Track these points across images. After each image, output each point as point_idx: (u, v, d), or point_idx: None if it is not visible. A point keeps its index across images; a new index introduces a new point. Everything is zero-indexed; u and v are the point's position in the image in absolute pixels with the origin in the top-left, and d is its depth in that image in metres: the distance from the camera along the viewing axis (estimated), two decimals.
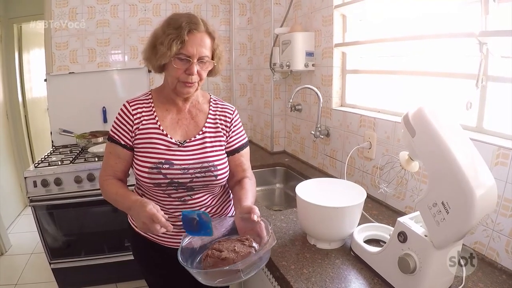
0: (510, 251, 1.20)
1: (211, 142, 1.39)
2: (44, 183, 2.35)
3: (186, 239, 1.17)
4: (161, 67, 1.31)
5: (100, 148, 2.68)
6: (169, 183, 1.31)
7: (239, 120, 1.49)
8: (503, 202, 1.22)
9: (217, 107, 1.45)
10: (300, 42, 2.29)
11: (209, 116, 1.42)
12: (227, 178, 1.42)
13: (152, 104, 1.38)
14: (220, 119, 1.43)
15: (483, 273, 1.20)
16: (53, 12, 2.84)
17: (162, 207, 1.30)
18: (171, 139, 1.34)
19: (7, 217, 3.78)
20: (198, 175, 1.33)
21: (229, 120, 1.44)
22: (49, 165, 2.43)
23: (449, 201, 0.94)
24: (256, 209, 1.15)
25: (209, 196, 1.42)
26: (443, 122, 1.00)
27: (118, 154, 1.36)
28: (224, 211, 1.50)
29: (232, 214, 1.54)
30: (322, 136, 2.23)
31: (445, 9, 1.50)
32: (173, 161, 1.31)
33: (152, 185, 1.32)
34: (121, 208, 1.39)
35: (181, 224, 1.19)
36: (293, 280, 1.19)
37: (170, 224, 1.13)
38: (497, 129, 1.35)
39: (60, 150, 2.88)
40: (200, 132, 1.38)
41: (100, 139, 2.88)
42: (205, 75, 1.32)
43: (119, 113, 1.36)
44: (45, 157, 2.65)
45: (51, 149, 2.92)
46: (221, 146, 1.41)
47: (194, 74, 1.26)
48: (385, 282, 1.16)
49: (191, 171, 1.32)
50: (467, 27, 1.38)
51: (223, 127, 1.42)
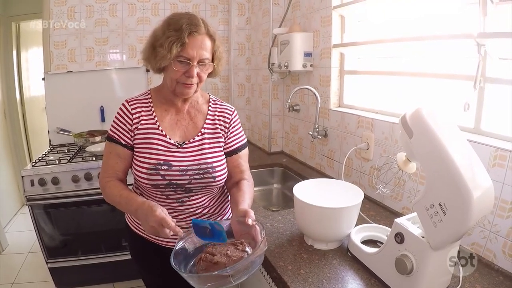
0: (507, 252, 1.21)
1: (210, 143, 1.38)
2: (42, 182, 2.34)
3: (180, 242, 1.15)
4: (160, 68, 1.30)
5: (98, 147, 2.68)
6: (167, 185, 1.31)
7: (239, 120, 1.48)
8: (500, 204, 1.22)
9: (216, 107, 1.44)
10: (299, 42, 2.29)
11: (208, 117, 1.41)
12: (225, 179, 1.41)
13: (151, 104, 1.37)
14: (219, 120, 1.42)
15: (480, 274, 1.20)
16: (51, 10, 2.84)
17: None
18: (170, 140, 1.33)
19: (4, 216, 3.77)
20: (196, 176, 1.32)
21: (228, 121, 1.43)
22: (46, 164, 2.43)
23: (446, 202, 0.94)
24: (251, 213, 1.14)
25: (207, 197, 1.41)
26: (440, 123, 1.00)
27: (118, 154, 1.35)
28: (221, 212, 1.49)
29: (229, 217, 1.53)
30: (320, 137, 2.23)
31: (443, 10, 1.50)
32: (171, 163, 1.30)
33: (150, 186, 1.31)
34: (125, 210, 1.39)
35: (180, 225, 1.18)
36: (290, 280, 1.19)
37: (180, 230, 1.12)
38: (494, 130, 1.35)
39: (58, 149, 2.88)
40: (199, 134, 1.37)
41: (98, 138, 2.88)
42: (205, 77, 1.31)
43: (118, 113, 1.35)
44: (43, 156, 2.65)
45: (49, 148, 2.92)
46: (219, 147, 1.40)
47: (194, 77, 1.25)
48: (382, 283, 1.16)
49: (189, 172, 1.31)
50: (465, 29, 1.38)
51: (222, 127, 1.41)
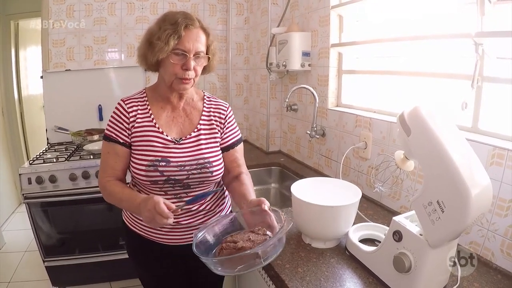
0: (505, 250, 1.21)
1: (206, 139, 1.39)
2: (39, 180, 2.33)
3: (199, 234, 1.16)
4: (156, 64, 1.31)
5: (96, 146, 2.67)
6: (166, 180, 1.32)
7: (233, 116, 1.50)
8: (498, 202, 1.22)
9: (210, 104, 1.46)
10: (297, 42, 2.30)
11: (204, 113, 1.42)
12: (222, 174, 1.43)
13: (147, 102, 1.38)
14: (214, 116, 1.43)
15: (478, 273, 1.20)
16: (50, 9, 2.83)
17: None
18: (167, 136, 1.34)
19: (1, 215, 3.76)
20: (194, 171, 1.33)
21: (223, 117, 1.45)
22: (44, 162, 2.42)
23: (444, 200, 0.94)
24: (266, 200, 1.18)
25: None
26: (438, 121, 1.00)
27: (116, 153, 1.35)
28: (218, 208, 1.50)
29: (227, 212, 1.54)
30: (318, 136, 2.23)
31: (441, 10, 1.50)
32: (169, 159, 1.31)
33: (149, 183, 1.32)
34: (126, 209, 1.41)
35: (177, 221, 1.21)
36: (287, 279, 1.19)
37: (172, 205, 1.14)
38: (492, 129, 1.35)
39: (56, 147, 2.87)
40: (195, 130, 1.38)
41: (96, 137, 2.87)
42: (200, 71, 1.33)
43: (114, 112, 1.36)
44: (40, 154, 2.65)
45: (46, 146, 2.91)
46: (215, 142, 1.42)
47: (191, 69, 1.26)
48: (380, 282, 1.16)
49: (187, 168, 1.32)
50: (463, 28, 1.38)
51: (218, 123, 1.43)
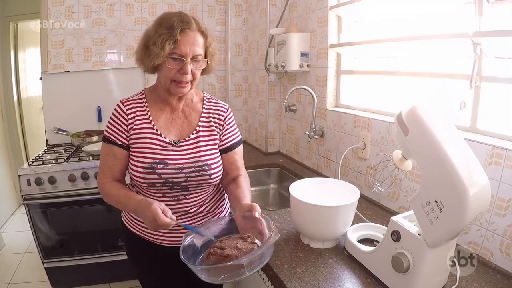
0: (504, 250, 1.21)
1: (205, 141, 1.38)
2: (38, 182, 2.33)
3: (188, 238, 1.16)
4: (154, 67, 1.30)
5: (95, 147, 2.67)
6: (163, 183, 1.31)
7: (233, 118, 1.49)
8: (497, 202, 1.22)
9: (210, 105, 1.44)
10: (295, 42, 2.30)
11: (203, 115, 1.41)
12: (220, 176, 1.42)
13: (146, 104, 1.37)
14: (213, 117, 1.42)
15: (477, 273, 1.20)
16: (49, 10, 2.83)
17: None
18: (166, 138, 1.33)
19: (1, 216, 3.76)
20: (192, 174, 1.33)
21: (223, 118, 1.43)
22: (43, 164, 2.42)
23: (442, 199, 0.94)
24: (257, 207, 1.15)
25: (203, 196, 1.41)
26: (436, 120, 1.01)
27: (115, 155, 1.35)
28: (217, 210, 1.50)
29: (226, 214, 1.54)
30: (317, 137, 2.23)
31: (439, 9, 1.51)
32: (167, 161, 1.31)
33: (147, 185, 1.31)
34: (124, 209, 1.42)
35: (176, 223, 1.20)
36: (286, 279, 1.19)
37: (174, 218, 1.16)
38: (491, 129, 1.35)
39: (55, 148, 2.87)
40: (194, 132, 1.38)
41: (95, 138, 2.88)
42: (199, 74, 1.31)
43: (113, 113, 1.35)
44: (40, 155, 2.64)
45: (46, 148, 2.91)
46: (214, 144, 1.41)
47: (188, 74, 1.25)
48: (378, 282, 1.16)
49: (185, 170, 1.32)
50: (461, 28, 1.38)
51: (217, 125, 1.42)
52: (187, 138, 1.36)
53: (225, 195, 1.54)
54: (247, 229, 1.16)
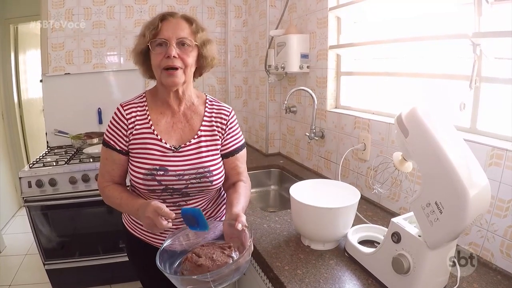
0: (505, 251, 1.21)
1: (207, 146, 1.35)
2: (39, 184, 2.34)
3: (168, 241, 1.16)
4: (149, 70, 1.31)
5: (95, 149, 2.67)
6: (164, 189, 1.29)
7: (236, 121, 1.44)
8: (497, 203, 1.22)
9: (213, 108, 1.40)
10: (295, 44, 2.30)
11: (205, 118, 1.38)
12: (222, 182, 1.40)
13: (146, 108, 1.34)
14: (216, 121, 1.38)
15: (478, 274, 1.20)
16: (49, 12, 2.84)
17: None
18: (166, 144, 1.30)
19: (2, 218, 3.76)
20: (193, 181, 1.30)
21: (225, 122, 1.39)
22: (44, 166, 2.42)
23: (442, 201, 0.94)
24: (243, 218, 1.14)
25: (204, 201, 1.40)
26: (436, 122, 1.01)
27: (114, 160, 1.33)
28: (217, 215, 1.49)
29: (221, 218, 1.52)
30: (317, 138, 2.23)
31: (439, 10, 1.51)
32: (167, 167, 1.28)
33: (147, 191, 1.30)
34: (126, 212, 1.41)
35: (176, 226, 1.21)
36: (287, 281, 1.19)
37: (172, 212, 1.13)
38: (491, 129, 1.35)
39: (55, 150, 2.87)
40: (196, 136, 1.34)
41: (95, 140, 2.88)
42: (189, 61, 1.26)
43: (113, 117, 1.33)
44: (40, 157, 2.64)
45: (46, 150, 2.91)
46: (216, 149, 1.37)
47: (172, 56, 1.21)
48: (379, 283, 1.16)
49: (186, 177, 1.29)
50: (460, 29, 1.39)
51: (219, 129, 1.38)
52: (188, 143, 1.32)
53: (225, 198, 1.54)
54: (231, 237, 1.16)
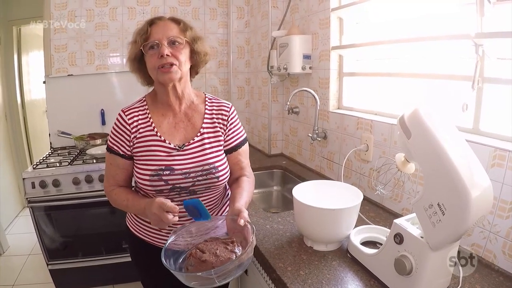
0: (507, 252, 1.20)
1: (210, 142, 1.37)
2: (42, 185, 2.35)
3: (171, 238, 1.17)
4: (146, 76, 1.36)
5: (99, 150, 2.68)
6: (171, 189, 1.30)
7: (237, 116, 1.47)
8: (500, 204, 1.22)
9: (212, 105, 1.43)
10: (297, 45, 2.30)
11: (206, 115, 1.40)
12: (228, 177, 1.41)
13: (148, 111, 1.36)
14: (217, 117, 1.41)
15: (480, 275, 1.20)
16: (52, 14, 2.85)
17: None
18: (170, 144, 1.32)
19: (5, 218, 3.78)
20: (199, 178, 1.32)
21: (226, 118, 1.41)
22: (47, 167, 2.43)
23: (444, 202, 0.94)
24: (245, 213, 1.15)
25: (212, 197, 1.41)
26: (438, 123, 1.01)
27: (118, 165, 1.35)
28: (226, 211, 1.49)
29: (223, 213, 1.53)
30: (320, 139, 2.24)
31: (441, 11, 1.51)
32: (173, 167, 1.30)
33: (154, 192, 1.31)
34: (134, 213, 1.43)
35: (180, 223, 1.22)
36: (289, 281, 1.19)
37: (176, 206, 1.15)
38: (493, 130, 1.35)
39: (59, 151, 2.88)
40: (198, 134, 1.36)
41: (98, 141, 2.89)
42: (182, 57, 1.29)
43: (115, 123, 1.35)
44: (44, 158, 2.66)
45: (50, 151, 2.92)
46: (220, 145, 1.39)
47: (164, 54, 1.24)
48: (381, 284, 1.16)
49: (192, 175, 1.31)
50: (463, 29, 1.38)
51: (221, 125, 1.40)
52: (191, 141, 1.34)
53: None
54: (234, 232, 1.18)
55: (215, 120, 1.40)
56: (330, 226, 1.34)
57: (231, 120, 1.43)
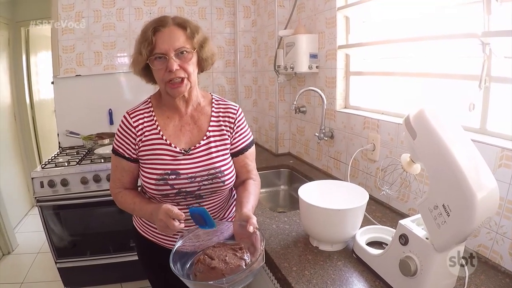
0: None
1: (216, 146, 1.35)
2: (51, 184, 2.37)
3: (179, 242, 1.16)
4: (153, 79, 1.30)
5: (106, 149, 2.70)
6: (177, 193, 1.29)
7: (244, 119, 1.43)
8: (507, 205, 1.20)
9: (219, 107, 1.39)
10: (304, 44, 2.30)
11: (212, 118, 1.37)
12: (234, 181, 1.39)
13: (153, 113, 1.34)
14: (224, 120, 1.38)
15: (486, 276, 1.19)
16: (59, 15, 2.88)
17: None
18: (176, 148, 1.30)
19: (15, 217, 3.82)
20: (205, 182, 1.30)
21: (233, 120, 1.38)
22: (56, 166, 2.46)
23: (450, 203, 0.94)
24: (254, 220, 1.12)
25: (218, 201, 1.40)
26: (444, 123, 1.00)
27: (123, 167, 1.34)
28: (231, 214, 1.50)
29: (231, 218, 1.52)
30: (326, 138, 2.23)
31: (449, 9, 1.49)
32: (179, 171, 1.28)
33: (160, 196, 1.30)
34: (141, 216, 1.44)
35: (187, 227, 1.21)
36: (294, 281, 1.19)
37: (182, 213, 1.13)
38: (501, 130, 1.33)
39: (67, 151, 2.91)
40: (204, 137, 1.34)
41: (106, 141, 2.92)
42: (191, 68, 1.25)
43: (120, 126, 1.33)
44: (52, 158, 2.69)
45: (58, 151, 2.96)
46: (226, 149, 1.37)
47: (173, 70, 1.19)
48: (386, 285, 1.16)
49: (198, 179, 1.29)
50: (469, 28, 1.37)
51: (228, 128, 1.38)
52: (197, 145, 1.32)
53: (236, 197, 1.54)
54: (242, 238, 1.16)
55: (222, 123, 1.38)
56: (335, 226, 1.34)
57: (238, 122, 1.40)
